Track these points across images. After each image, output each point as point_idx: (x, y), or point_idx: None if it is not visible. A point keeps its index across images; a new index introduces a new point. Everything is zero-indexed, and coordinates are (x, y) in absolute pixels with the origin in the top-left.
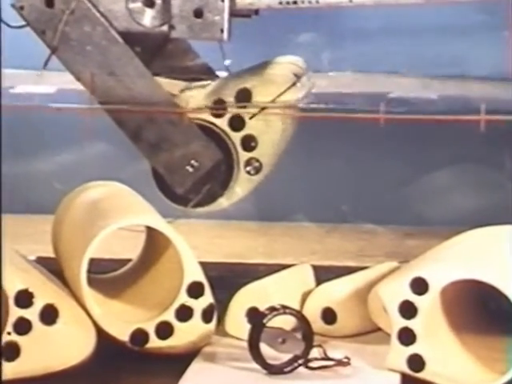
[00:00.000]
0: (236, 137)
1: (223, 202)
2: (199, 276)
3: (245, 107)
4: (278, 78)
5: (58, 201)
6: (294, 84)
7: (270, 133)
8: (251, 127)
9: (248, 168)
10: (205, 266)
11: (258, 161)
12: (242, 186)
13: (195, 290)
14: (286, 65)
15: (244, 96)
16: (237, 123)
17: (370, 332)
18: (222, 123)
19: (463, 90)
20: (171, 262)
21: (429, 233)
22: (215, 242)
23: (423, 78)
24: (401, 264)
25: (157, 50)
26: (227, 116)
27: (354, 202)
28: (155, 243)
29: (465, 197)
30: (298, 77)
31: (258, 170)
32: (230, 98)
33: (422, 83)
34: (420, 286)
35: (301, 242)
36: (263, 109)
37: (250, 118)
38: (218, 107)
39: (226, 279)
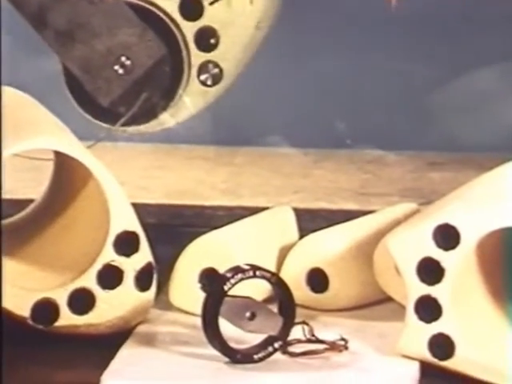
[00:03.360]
0: (189, 28)
1: (167, 119)
2: (132, 224)
3: None
4: None
5: None
6: None
7: (238, 26)
8: (212, 16)
9: (203, 76)
10: (140, 209)
11: (217, 66)
12: (193, 98)
13: (126, 244)
14: None
15: None
16: (192, 9)
17: (376, 303)
18: (171, 7)
19: None
20: (92, 204)
21: (461, 162)
22: (155, 176)
23: None
24: (421, 206)
25: None
26: None
27: (354, 117)
28: (68, 177)
29: None
30: None
31: (216, 80)
32: None
33: None
34: (448, 237)
35: (278, 176)
36: None
37: (211, 3)
38: None
39: (170, 228)
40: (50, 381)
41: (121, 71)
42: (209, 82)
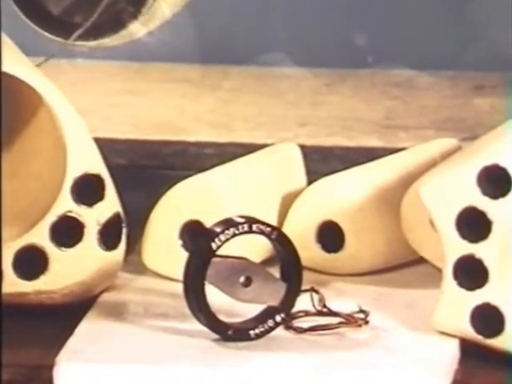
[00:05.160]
0: None
1: (138, 29)
2: (95, 165)
3: None
4: None
5: None
6: None
7: None
8: None
9: None
10: (106, 146)
11: None
12: None
13: (88, 191)
14: None
15: None
16: None
17: (404, 266)
18: None
19: None
20: (44, 140)
21: None
22: (125, 103)
23: None
24: (463, 142)
25: None
26: None
27: (377, 29)
28: (14, 106)
29: None
30: None
31: None
32: None
33: None
34: (497, 181)
35: (281, 103)
36: None
37: None
38: None
39: (144, 171)
40: None
41: None
42: None
